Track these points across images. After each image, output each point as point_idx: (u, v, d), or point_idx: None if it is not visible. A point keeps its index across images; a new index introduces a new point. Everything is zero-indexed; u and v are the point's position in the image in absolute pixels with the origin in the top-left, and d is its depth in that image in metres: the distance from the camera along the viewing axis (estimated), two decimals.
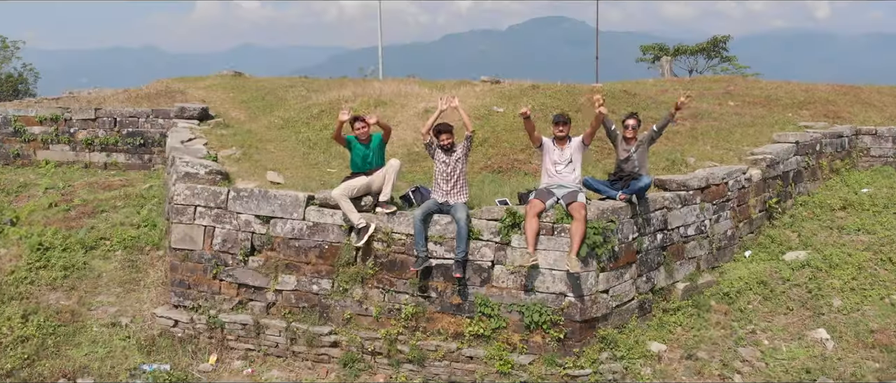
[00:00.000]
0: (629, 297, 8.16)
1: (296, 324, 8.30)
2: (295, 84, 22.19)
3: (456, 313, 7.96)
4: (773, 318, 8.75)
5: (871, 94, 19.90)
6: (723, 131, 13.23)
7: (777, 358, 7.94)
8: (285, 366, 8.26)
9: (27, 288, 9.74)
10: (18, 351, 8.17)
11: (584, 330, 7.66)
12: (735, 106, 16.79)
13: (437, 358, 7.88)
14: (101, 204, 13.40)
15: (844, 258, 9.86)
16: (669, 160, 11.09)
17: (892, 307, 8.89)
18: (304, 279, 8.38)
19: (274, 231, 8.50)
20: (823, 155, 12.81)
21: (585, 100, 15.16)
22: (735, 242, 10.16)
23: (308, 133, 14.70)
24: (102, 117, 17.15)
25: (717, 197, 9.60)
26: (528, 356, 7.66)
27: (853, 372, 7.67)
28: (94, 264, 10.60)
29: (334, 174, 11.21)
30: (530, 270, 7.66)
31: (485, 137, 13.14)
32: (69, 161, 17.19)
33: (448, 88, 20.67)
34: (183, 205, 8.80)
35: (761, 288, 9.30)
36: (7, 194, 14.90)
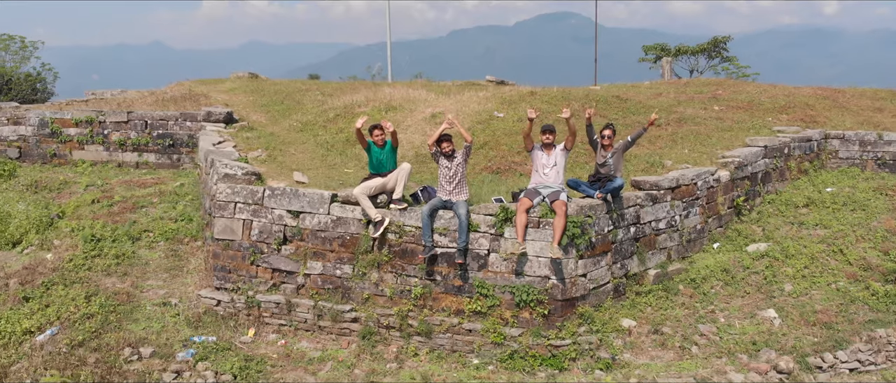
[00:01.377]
0: (605, 281, 9.62)
1: (322, 303, 9.80)
2: (310, 88, 23.71)
3: (457, 293, 9.43)
4: (731, 301, 10.19)
5: (852, 97, 21.22)
6: (701, 135, 14.63)
7: (730, 333, 9.38)
8: (313, 338, 9.75)
9: (85, 273, 11.27)
10: (86, 325, 9.68)
11: (565, 307, 9.12)
12: (719, 110, 18.14)
13: (441, 331, 9.35)
14: (139, 200, 14.93)
15: (800, 249, 11.28)
16: (648, 162, 12.51)
17: (837, 292, 10.31)
18: (329, 265, 9.88)
19: (303, 224, 10.00)
20: (792, 157, 14.20)
21: (579, 106, 16.56)
22: (704, 235, 11.59)
23: (325, 136, 16.17)
24: (134, 120, 18.69)
25: (687, 195, 11.02)
26: (518, 329, 9.12)
27: (793, 345, 9.09)
28: (141, 253, 12.15)
29: (351, 174, 12.67)
30: (520, 257, 9.13)
31: (485, 141, 14.57)
32: (103, 160, 18.76)
33: (454, 90, 22.18)
34: (224, 201, 10.31)
35: (724, 275, 10.74)
36: (50, 191, 16.48)
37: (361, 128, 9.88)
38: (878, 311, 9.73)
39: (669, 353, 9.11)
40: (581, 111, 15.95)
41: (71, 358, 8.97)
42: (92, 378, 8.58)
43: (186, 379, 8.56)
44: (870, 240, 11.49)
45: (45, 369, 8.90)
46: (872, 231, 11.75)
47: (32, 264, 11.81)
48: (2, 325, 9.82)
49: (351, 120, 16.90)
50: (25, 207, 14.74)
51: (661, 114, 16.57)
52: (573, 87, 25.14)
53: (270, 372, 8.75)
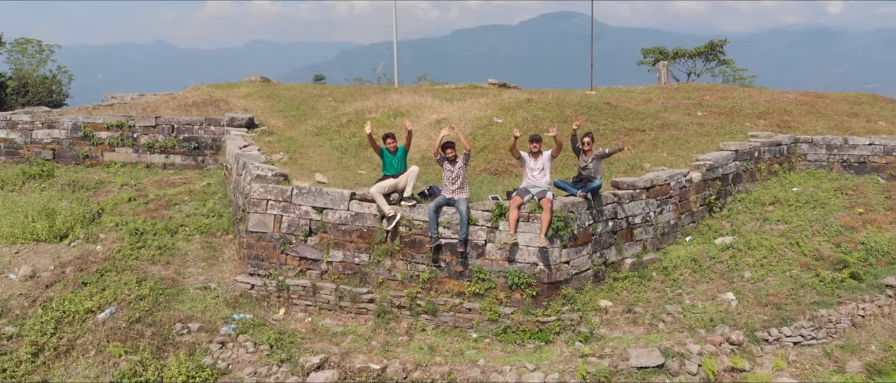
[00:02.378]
0: (585, 267, 11.22)
1: (342, 286, 11.42)
2: (322, 93, 25.33)
3: (459, 278, 11.03)
4: (697, 286, 11.79)
5: (832, 102, 22.78)
6: (681, 140, 16.21)
7: (693, 313, 10.98)
8: (335, 316, 11.37)
9: (133, 262, 12.91)
10: (140, 305, 11.31)
11: (550, 289, 10.72)
12: (702, 115, 19.73)
13: (445, 309, 10.96)
14: (171, 198, 16.57)
15: (761, 242, 12.87)
16: (629, 165, 14.11)
17: (790, 278, 11.89)
18: (348, 253, 11.50)
19: (326, 218, 11.62)
20: (762, 160, 15.77)
21: (572, 112, 18.16)
22: (678, 229, 13.18)
23: (339, 140, 17.80)
24: (162, 124, 20.36)
25: (661, 194, 12.61)
26: (511, 308, 10.73)
27: (746, 322, 10.68)
28: (180, 245, 13.79)
29: (364, 175, 14.28)
30: (512, 247, 10.73)
31: (485, 145, 16.18)
32: (132, 162, 20.45)
33: (457, 95, 23.82)
34: (258, 199, 11.94)
35: (693, 264, 12.34)
36: (87, 190, 18.14)
37: (373, 133, 11.49)
38: (824, 295, 11.31)
39: (640, 329, 10.70)
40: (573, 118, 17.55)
41: (130, 332, 10.61)
42: (149, 348, 10.21)
43: (230, 349, 10.18)
44: (824, 234, 13.06)
45: (108, 341, 10.53)
46: (828, 226, 13.33)
47: (84, 254, 13.45)
48: (66, 306, 11.45)
49: (362, 125, 18.50)
50: (69, 205, 16.36)
51: (648, 120, 18.17)
52: (569, 91, 26.77)
53: (301, 342, 10.37)
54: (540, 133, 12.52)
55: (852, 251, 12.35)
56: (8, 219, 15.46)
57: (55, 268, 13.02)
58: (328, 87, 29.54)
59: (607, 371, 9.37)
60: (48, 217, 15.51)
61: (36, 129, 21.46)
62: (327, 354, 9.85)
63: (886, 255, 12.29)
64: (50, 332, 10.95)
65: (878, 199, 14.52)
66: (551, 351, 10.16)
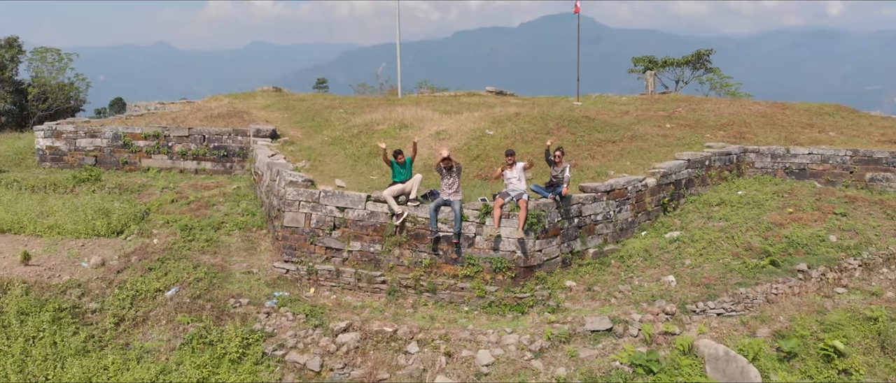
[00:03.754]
0: (555, 255, 14.14)
1: (360, 270, 14.34)
2: (333, 105, 28.31)
3: (454, 263, 13.95)
4: (646, 270, 14.71)
5: (793, 113, 25.68)
6: (644, 150, 19.13)
7: (639, 291, 13.90)
8: (354, 294, 14.30)
9: (187, 252, 15.83)
10: (198, 285, 14.23)
11: (526, 272, 13.63)
12: (670, 127, 22.64)
13: (443, 288, 13.88)
14: (208, 200, 19.50)
15: (703, 236, 15.79)
16: (597, 172, 17.03)
17: (722, 265, 14.80)
18: (365, 244, 14.42)
19: (346, 215, 14.54)
20: (713, 167, 18.69)
21: (554, 125, 21.08)
22: (635, 226, 16.10)
23: (352, 149, 20.73)
24: (194, 134, 23.28)
25: (620, 197, 15.54)
26: (495, 287, 13.65)
27: (680, 298, 13.59)
28: (223, 239, 16.73)
29: (375, 180, 17.18)
30: (496, 238, 13.64)
31: (478, 154, 19.10)
32: (167, 167, 23.37)
33: (455, 104, 26.81)
34: (291, 200, 14.87)
35: (645, 253, 15.26)
36: (132, 192, 21.06)
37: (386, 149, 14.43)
38: (746, 278, 14.22)
39: (596, 303, 13.62)
40: (554, 130, 20.50)
41: (193, 306, 13.55)
42: (210, 317, 13.14)
43: (274, 317, 13.11)
44: (756, 229, 15.98)
45: (176, 313, 13.47)
46: (760, 223, 16.24)
47: (143, 246, 16.38)
48: (138, 286, 14.38)
49: (372, 136, 21.50)
50: (121, 205, 19.30)
51: (620, 132, 21.10)
52: (558, 98, 29.77)
53: (329, 313, 13.30)
54: (532, 148, 15.39)
55: (776, 243, 15.27)
56: (70, 217, 18.38)
57: (120, 258, 15.94)
58: (338, 98, 32.46)
59: (567, 333, 12.30)
60: (105, 215, 18.45)
61: (79, 138, 24.39)
62: (351, 321, 12.80)
63: (804, 247, 15.20)
64: (127, 306, 13.90)
65: (808, 201, 17.44)
66: (526, 320, 13.09)
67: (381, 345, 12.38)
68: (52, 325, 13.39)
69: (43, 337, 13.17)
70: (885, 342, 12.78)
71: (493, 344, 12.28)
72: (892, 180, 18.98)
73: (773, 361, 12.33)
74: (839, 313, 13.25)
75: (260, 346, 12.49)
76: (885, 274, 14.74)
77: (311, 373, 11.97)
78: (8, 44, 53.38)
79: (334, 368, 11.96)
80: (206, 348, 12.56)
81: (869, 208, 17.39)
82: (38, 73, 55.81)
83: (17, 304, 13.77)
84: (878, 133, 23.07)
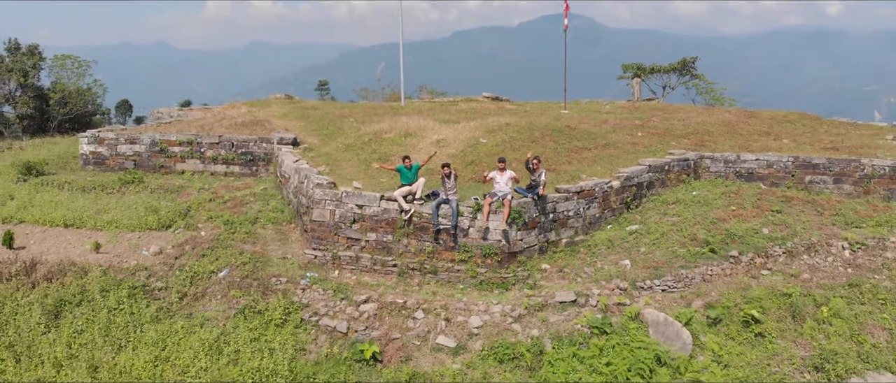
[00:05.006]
0: (534, 244, 17.63)
1: (375, 256, 17.84)
2: (344, 114, 31.81)
3: (451, 250, 17.43)
4: (608, 256, 18.22)
5: (758, 121, 29.18)
6: (614, 157, 22.64)
7: (600, 272, 17.41)
8: (371, 276, 17.80)
9: (231, 242, 19.32)
10: (245, 268, 17.71)
11: (509, 257, 17.13)
12: (641, 136, 26.15)
13: (443, 270, 17.37)
14: (241, 199, 22.99)
15: (657, 228, 19.29)
16: (571, 176, 20.52)
17: (670, 252, 18.29)
18: (379, 235, 17.91)
19: (364, 211, 18.02)
20: (672, 172, 22.21)
21: (540, 134, 24.55)
22: (602, 220, 19.61)
23: (364, 155, 24.20)
24: (223, 141, 26.75)
25: (589, 196, 19.04)
26: (484, 269, 17.14)
27: (633, 277, 17.09)
28: (259, 231, 20.22)
29: (385, 182, 20.63)
30: (485, 230, 17.12)
31: (472, 160, 22.57)
32: (199, 170, 26.83)
33: (455, 111, 30.24)
34: (319, 199, 18.36)
35: (608, 243, 18.77)
36: (172, 192, 24.52)
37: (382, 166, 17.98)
38: (689, 262, 17.73)
39: (565, 282, 17.14)
40: (540, 139, 23.96)
41: (243, 283, 17.05)
42: (257, 292, 16.64)
43: (308, 292, 16.61)
44: (702, 223, 19.49)
45: (229, 289, 16.96)
46: (707, 218, 19.76)
47: (192, 237, 19.86)
48: (195, 268, 17.87)
49: (381, 144, 24.98)
50: (167, 203, 22.78)
51: (596, 140, 24.59)
52: (549, 104, 33.11)
53: (351, 289, 16.79)
54: (519, 154, 18.85)
55: (717, 235, 18.79)
56: (125, 213, 21.88)
57: (174, 247, 19.43)
58: (347, 106, 35.97)
59: (540, 303, 15.82)
60: (154, 212, 21.94)
61: (120, 144, 27.88)
62: (369, 294, 16.32)
63: (740, 238, 18.71)
64: (187, 285, 17.40)
65: (750, 200, 20.96)
66: (509, 294, 16.60)
67: (394, 313, 15.89)
68: (128, 299, 16.90)
69: (122, 309, 16.67)
70: (795, 312, 16.29)
71: (483, 312, 15.79)
72: (827, 182, 22.53)
73: (702, 326, 15.85)
74: (760, 290, 16.76)
75: (298, 314, 16.00)
76: (804, 259, 18.25)
77: (339, 334, 15.48)
78: (29, 51, 56.84)
79: (358, 330, 15.47)
80: (255, 316, 16.06)
81: (802, 206, 20.94)
82: (58, 78, 59.34)
83: (99, 283, 17.27)
84: (828, 140, 26.57)
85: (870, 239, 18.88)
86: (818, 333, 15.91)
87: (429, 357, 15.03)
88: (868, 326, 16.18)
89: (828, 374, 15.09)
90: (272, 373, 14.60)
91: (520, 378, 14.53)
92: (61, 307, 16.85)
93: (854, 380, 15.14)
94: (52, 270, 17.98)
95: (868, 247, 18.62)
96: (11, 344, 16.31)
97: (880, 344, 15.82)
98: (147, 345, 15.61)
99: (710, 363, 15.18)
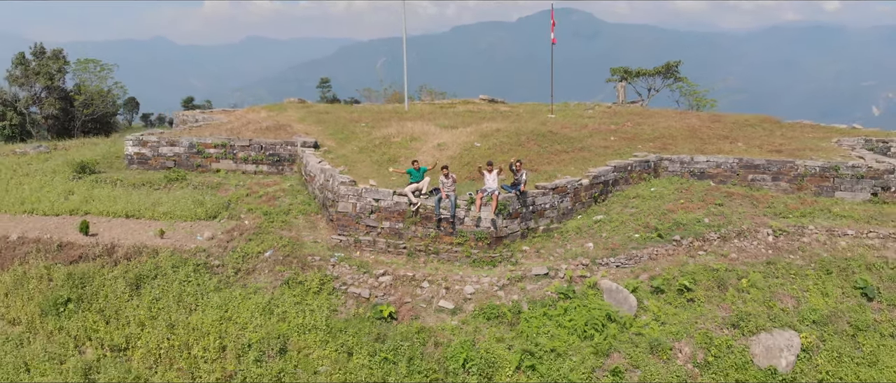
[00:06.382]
0: (517, 230, 22.38)
1: (389, 240, 22.57)
2: (354, 118, 36.55)
3: (450, 235, 22.17)
4: (576, 240, 22.98)
5: (721, 126, 33.88)
6: (587, 159, 27.36)
7: (569, 252, 22.17)
8: (386, 256, 22.54)
9: (271, 229, 24.07)
10: (285, 249, 22.48)
11: (497, 241, 21.87)
12: (613, 140, 30.87)
13: (443, 251, 22.12)
14: (273, 194, 27.71)
15: (618, 218, 24.06)
16: (550, 175, 25.25)
17: (626, 237, 23.04)
18: (392, 223, 22.63)
19: (380, 204, 22.74)
20: (634, 171, 26.95)
21: (525, 139, 29.27)
22: (573, 212, 24.36)
23: (376, 156, 28.91)
24: (254, 144, 31.43)
25: (562, 192, 23.78)
26: (477, 250, 21.89)
27: (594, 255, 21.83)
28: (292, 221, 24.96)
29: (395, 181, 25.31)
30: (477, 219, 21.85)
31: (468, 162, 27.28)
32: (232, 169, 31.54)
33: (454, 115, 34.91)
34: (343, 194, 23.09)
35: (577, 229, 23.54)
36: (211, 188, 29.21)
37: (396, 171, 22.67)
38: (640, 244, 22.48)
39: (541, 260, 21.89)
40: (526, 143, 28.64)
41: (285, 261, 21.80)
42: (297, 267, 21.37)
43: (337, 268, 21.36)
44: (655, 214, 24.23)
45: (274, 265, 21.68)
46: (659, 210, 24.50)
47: (238, 225, 24.57)
48: (245, 249, 22.60)
49: (390, 147, 29.70)
50: (210, 197, 27.48)
51: (573, 143, 29.32)
52: (537, 108, 37.70)
53: (371, 266, 21.53)
54: (508, 158, 23.58)
55: (666, 223, 23.53)
56: (177, 206, 26.59)
57: (224, 233, 24.15)
58: (357, 111, 40.70)
59: (520, 276, 20.58)
60: (201, 205, 26.66)
61: (161, 146, 32.56)
62: (386, 269, 21.06)
63: (684, 226, 23.44)
64: (240, 262, 22.13)
65: (698, 195, 25.70)
66: (496, 270, 21.37)
67: (406, 283, 20.66)
68: (194, 273, 21.65)
69: (190, 280, 21.43)
70: (720, 283, 21.05)
71: (475, 282, 20.55)
72: (767, 180, 27.29)
73: (646, 293, 20.61)
74: (694, 266, 21.53)
75: (331, 284, 20.77)
76: (735, 243, 22.99)
77: (363, 299, 20.25)
78: (54, 56, 61.50)
79: (377, 296, 20.24)
80: (297, 285, 20.83)
81: (741, 200, 25.69)
82: (82, 81, 64.10)
83: (170, 261, 22.03)
84: (777, 143, 31.33)
85: (791, 227, 23.65)
86: (738, 299, 20.67)
87: (433, 316, 19.79)
88: (779, 294, 20.96)
89: (742, 330, 19.86)
90: (313, 328, 19.37)
91: (503, 331, 19.29)
92: (140, 280, 21.59)
93: (762, 335, 19.89)
94: (129, 251, 22.74)
95: (789, 233, 23.38)
96: (101, 310, 21.06)
97: (787, 308, 20.59)
98: (213, 308, 20.37)
99: (651, 321, 19.95)
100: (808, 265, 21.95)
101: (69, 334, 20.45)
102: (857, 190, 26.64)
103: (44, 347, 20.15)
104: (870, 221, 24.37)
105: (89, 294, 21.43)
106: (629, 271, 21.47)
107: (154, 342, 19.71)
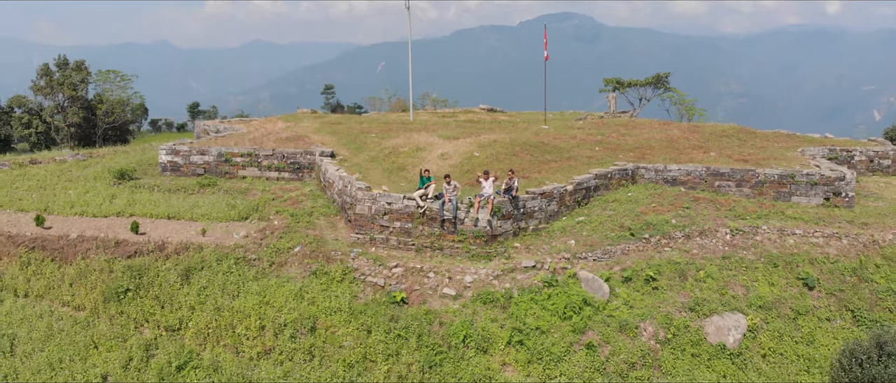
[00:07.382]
0: (510, 230, 26.52)
1: (400, 238, 26.71)
2: (364, 128, 40.72)
3: (452, 234, 26.30)
4: (560, 238, 27.12)
5: (698, 136, 38.01)
6: (573, 168, 31.48)
7: (554, 248, 26.28)
8: (397, 252, 26.67)
9: (297, 228, 28.21)
10: (312, 245, 26.62)
11: (493, 239, 26.01)
12: (598, 150, 35.03)
13: (447, 248, 26.25)
14: (296, 198, 31.88)
15: (597, 219, 28.20)
16: (539, 182, 29.38)
17: (603, 235, 27.14)
18: (402, 223, 26.77)
19: (391, 207, 26.88)
20: (614, 178, 31.07)
21: (519, 148, 33.43)
22: (559, 214, 28.49)
23: (386, 165, 33.05)
24: (276, 154, 35.61)
25: (549, 197, 27.91)
26: (475, 247, 26.02)
27: (575, 250, 25.94)
28: (315, 221, 29.11)
29: (404, 186, 29.43)
30: (476, 220, 25.96)
31: (468, 169, 31.42)
32: (257, 176, 35.73)
33: (455, 125, 39.03)
34: (360, 198, 27.24)
35: (563, 229, 27.68)
36: (240, 193, 33.41)
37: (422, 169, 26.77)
38: (614, 242, 26.59)
39: (530, 254, 26.01)
40: (519, 153, 32.79)
41: (312, 255, 25.95)
42: (322, 260, 25.50)
43: (356, 261, 25.51)
44: (629, 215, 28.35)
45: (302, 259, 25.82)
46: (633, 212, 28.61)
47: (268, 225, 28.71)
48: (277, 245, 26.75)
49: (398, 156, 33.82)
50: (241, 201, 31.63)
51: (562, 154, 33.44)
52: (533, 117, 41.74)
53: (385, 259, 25.66)
54: (504, 165, 27.76)
55: (638, 224, 27.62)
56: (213, 208, 30.76)
57: (256, 232, 28.29)
58: (366, 121, 44.89)
59: (512, 268, 24.72)
60: (233, 207, 30.84)
61: (193, 155, 36.73)
62: (398, 262, 25.20)
63: (654, 226, 27.54)
64: (273, 256, 26.27)
65: (669, 199, 29.82)
66: (491, 263, 25.49)
67: (415, 274, 24.80)
68: (235, 265, 25.80)
69: (232, 272, 25.57)
70: (681, 274, 25.16)
71: (473, 273, 24.68)
72: (731, 186, 31.43)
73: (618, 282, 24.72)
74: (660, 260, 25.64)
75: (351, 274, 24.90)
76: (696, 240, 27.09)
77: (379, 286, 24.40)
78: (77, 67, 65.79)
79: (391, 284, 24.38)
80: (322, 276, 24.96)
81: (706, 204, 29.82)
82: (103, 91, 68.38)
83: (214, 255, 26.20)
84: (747, 153, 35.50)
85: (747, 227, 27.77)
86: (695, 288, 24.78)
87: (438, 301, 23.91)
88: (731, 284, 25.07)
89: (697, 313, 23.96)
90: (338, 310, 23.50)
91: (496, 313, 23.41)
92: (189, 271, 25.72)
93: (714, 317, 23.98)
94: (178, 247, 26.90)
95: (744, 232, 27.49)
96: (156, 296, 25.18)
97: (737, 295, 24.70)
98: (252, 294, 24.50)
99: (621, 305, 24.05)
100: (758, 259, 26.06)
101: (130, 317, 24.57)
102: (811, 195, 30.77)
103: (108, 328, 24.26)
104: (818, 222, 28.49)
105: (146, 283, 25.56)
106: (604, 264, 25.57)
107: (203, 322, 23.83)
